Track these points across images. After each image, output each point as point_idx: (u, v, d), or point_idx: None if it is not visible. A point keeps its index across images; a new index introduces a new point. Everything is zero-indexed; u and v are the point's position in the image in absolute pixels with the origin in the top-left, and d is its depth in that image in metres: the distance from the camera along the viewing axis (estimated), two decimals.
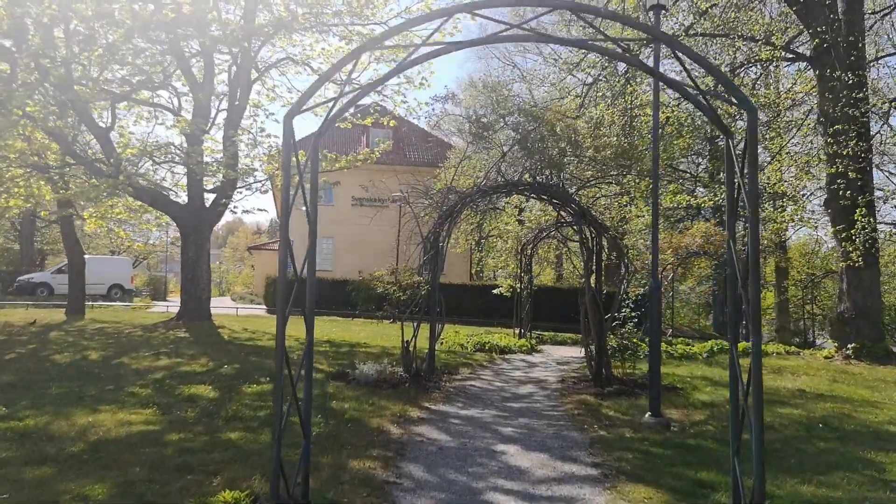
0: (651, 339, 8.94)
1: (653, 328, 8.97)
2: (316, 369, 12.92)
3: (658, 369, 8.91)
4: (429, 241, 12.36)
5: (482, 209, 26.01)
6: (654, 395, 8.80)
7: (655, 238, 9.06)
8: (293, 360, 14.05)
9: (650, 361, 8.92)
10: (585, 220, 12.38)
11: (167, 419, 8.75)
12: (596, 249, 12.31)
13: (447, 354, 16.64)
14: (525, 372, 14.76)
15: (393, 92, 22.44)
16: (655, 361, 8.86)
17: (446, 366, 14.35)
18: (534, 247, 21.46)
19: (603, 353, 12.16)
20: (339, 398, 10.29)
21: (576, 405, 10.49)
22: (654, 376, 8.85)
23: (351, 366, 12.61)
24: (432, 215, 12.97)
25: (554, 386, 12.63)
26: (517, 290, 22.34)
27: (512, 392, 11.90)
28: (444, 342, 19.62)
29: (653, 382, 8.85)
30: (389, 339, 17.86)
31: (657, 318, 9.05)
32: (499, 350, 18.15)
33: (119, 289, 38.26)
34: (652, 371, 8.88)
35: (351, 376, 12.09)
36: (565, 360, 18.03)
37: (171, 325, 19.19)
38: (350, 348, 16.58)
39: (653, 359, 8.89)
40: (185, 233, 19.78)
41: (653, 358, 8.89)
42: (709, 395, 11.20)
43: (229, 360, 13.75)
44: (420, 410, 9.69)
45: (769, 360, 17.47)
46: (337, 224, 40.34)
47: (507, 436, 8.31)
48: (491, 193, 12.43)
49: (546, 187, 12.22)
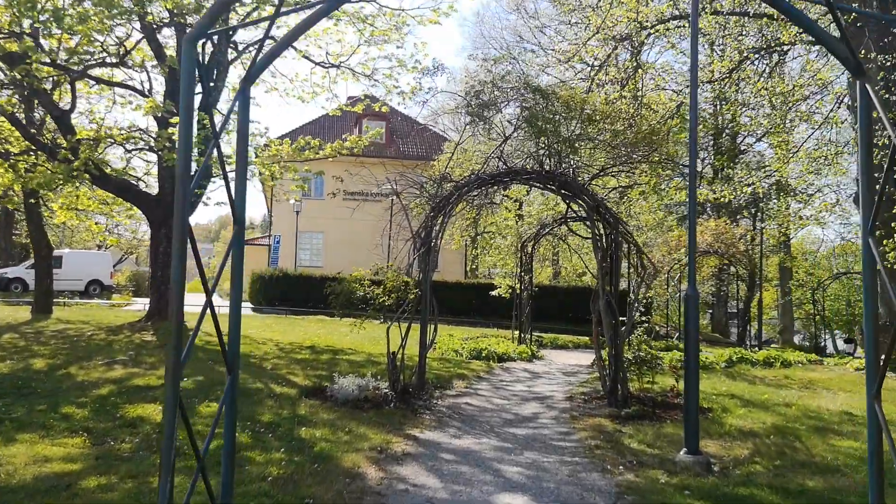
0: (688, 359, 7.31)
1: (690, 346, 7.34)
2: (290, 383, 11.31)
3: (696, 396, 7.30)
4: (419, 237, 10.72)
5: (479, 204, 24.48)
6: (692, 428, 7.18)
7: (693, 238, 7.44)
8: (263, 370, 12.42)
9: (687, 386, 7.30)
10: (599, 214, 10.75)
11: (95, 453, 7.10)
12: (612, 247, 10.69)
13: (440, 363, 15.01)
14: (528, 385, 13.13)
15: (384, 76, 20.89)
16: (693, 387, 7.24)
17: (438, 378, 12.73)
18: (535, 244, 19.85)
19: (619, 367, 10.54)
20: (311, 423, 8.66)
21: (591, 432, 8.86)
22: (692, 404, 7.23)
23: (330, 378, 10.98)
24: (424, 207, 11.31)
25: (562, 404, 10.99)
26: (517, 291, 20.67)
27: (514, 412, 10.27)
28: (436, 347, 17.99)
29: (690, 412, 7.22)
30: (377, 343, 16.12)
31: (695, 334, 7.41)
32: (497, 357, 16.53)
33: (98, 285, 36.54)
34: (689, 398, 7.25)
35: (329, 392, 10.47)
36: (570, 368, 16.41)
37: (138, 326, 17.52)
38: (332, 356, 14.94)
39: (690, 383, 7.26)
40: (156, 226, 18.11)
41: (690, 382, 7.26)
42: (744, 420, 9.59)
43: (193, 370, 12.10)
44: (405, 441, 8.05)
45: (794, 371, 15.89)
46: (327, 219, 38.72)
47: (511, 480, 6.67)
48: (491, 182, 10.80)
49: (554, 176, 10.59)
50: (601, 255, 10.69)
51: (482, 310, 30.98)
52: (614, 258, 10.67)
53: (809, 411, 10.41)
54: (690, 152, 7.66)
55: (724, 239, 24.53)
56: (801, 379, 14.27)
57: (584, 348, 23.42)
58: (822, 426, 9.37)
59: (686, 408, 7.24)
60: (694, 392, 7.23)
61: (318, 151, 17.22)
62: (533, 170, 10.81)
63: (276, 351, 15.24)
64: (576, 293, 34.15)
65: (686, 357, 7.34)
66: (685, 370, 7.33)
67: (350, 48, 21.25)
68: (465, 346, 17.50)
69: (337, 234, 38.49)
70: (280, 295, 32.88)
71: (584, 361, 18.19)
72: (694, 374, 7.23)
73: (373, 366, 13.27)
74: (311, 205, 40.32)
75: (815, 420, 9.78)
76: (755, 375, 14.70)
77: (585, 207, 10.76)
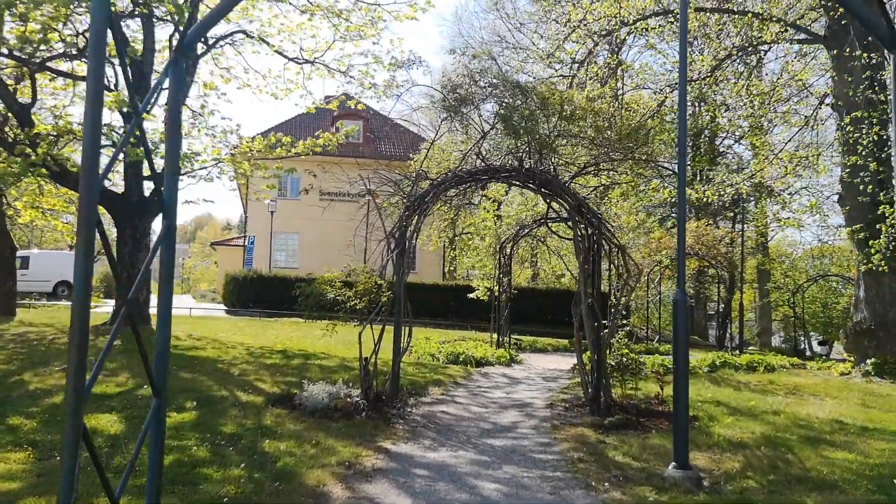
0: (677, 366, 6.85)
1: (679, 353, 6.88)
2: (257, 390, 10.75)
3: (686, 407, 6.83)
4: (393, 237, 10.21)
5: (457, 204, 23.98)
6: (681, 441, 6.72)
7: (682, 240, 6.98)
8: (230, 377, 11.85)
9: (676, 395, 6.84)
10: (581, 214, 10.29)
11: (38, 470, 6.55)
12: (594, 249, 10.24)
13: (415, 368, 14.51)
14: (507, 392, 12.65)
15: (360, 73, 20.36)
16: (682, 396, 6.78)
17: (414, 384, 12.21)
18: (514, 245, 19.40)
19: (602, 373, 10.09)
20: (276, 434, 8.12)
21: (573, 443, 8.39)
22: (682, 415, 6.77)
23: (300, 385, 10.43)
24: (398, 206, 10.80)
25: (542, 412, 10.52)
26: (495, 294, 20.19)
27: (492, 421, 9.78)
28: (413, 351, 17.48)
29: (679, 424, 6.75)
30: (351, 347, 15.54)
31: (684, 340, 6.96)
32: (475, 362, 16.04)
33: (67, 286, 35.62)
34: (678, 409, 6.79)
35: (297, 400, 9.93)
36: (550, 373, 15.98)
37: (101, 330, 16.84)
38: (304, 360, 14.38)
39: (679, 393, 6.80)
40: (121, 226, 17.43)
41: (679, 392, 6.80)
42: (732, 430, 9.16)
43: None
44: (376, 454, 7.54)
45: (779, 375, 15.54)
46: (303, 219, 38.17)
47: (489, 499, 6.18)
48: (469, 180, 10.30)
49: (535, 174, 10.11)
50: (583, 257, 10.23)
51: (460, 312, 30.59)
52: (597, 260, 10.22)
53: (799, 420, 10.02)
54: (679, 150, 7.21)
55: (705, 241, 24.24)
56: (787, 384, 13.90)
57: (564, 351, 23.01)
58: (813, 436, 8.97)
59: (676, 419, 6.79)
60: (683, 402, 6.78)
61: (291, 149, 16.63)
62: (512, 168, 10.33)
63: (246, 355, 14.66)
64: (554, 295, 33.86)
65: (675, 365, 6.89)
66: (674, 379, 6.88)
67: (325, 44, 20.71)
68: (442, 349, 17.01)
69: (313, 235, 37.89)
70: (254, 297, 32.21)
71: (563, 366, 17.76)
72: (683, 383, 6.77)
73: (346, 371, 12.75)
74: (286, 205, 39.75)
75: (805, 429, 9.38)
76: (739, 381, 14.33)
77: (567, 207, 10.29)
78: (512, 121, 9.75)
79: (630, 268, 10.81)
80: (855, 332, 15.43)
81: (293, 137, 16.70)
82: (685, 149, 7.34)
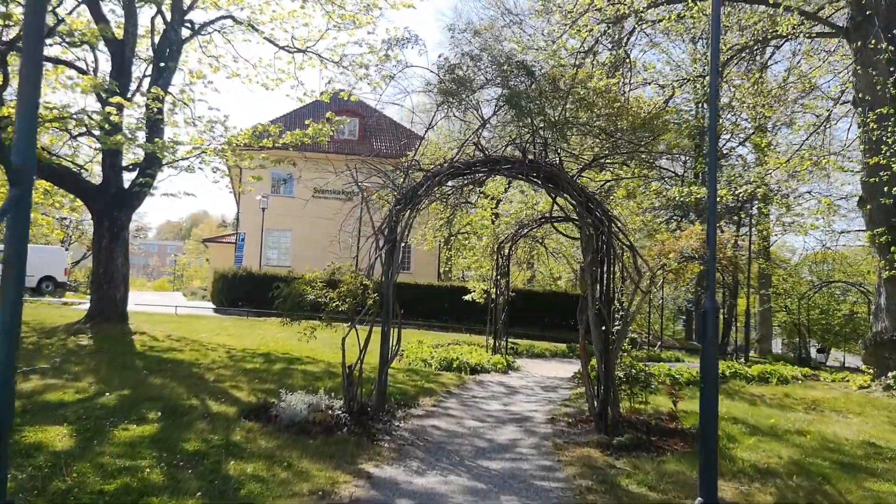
0: (706, 384, 5.91)
1: (708, 369, 5.94)
2: (231, 399, 9.81)
3: (715, 433, 5.90)
4: (382, 233, 9.26)
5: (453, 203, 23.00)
6: (709, 472, 5.77)
7: (713, 239, 6.06)
8: (204, 383, 10.88)
9: (704, 418, 5.90)
10: (590, 211, 9.35)
11: None
12: (603, 249, 9.29)
13: (405, 375, 13.56)
14: (504, 403, 11.69)
15: (354, 64, 19.43)
16: (710, 421, 5.84)
17: (403, 394, 11.26)
18: (513, 246, 18.46)
19: (610, 386, 9.15)
20: (245, 453, 7.17)
21: (580, 467, 7.45)
22: (709, 444, 5.82)
23: (279, 393, 9.47)
24: (388, 199, 9.85)
25: (544, 428, 9.57)
26: (492, 296, 19.23)
27: (489, 439, 8.83)
28: (404, 355, 16.55)
29: (707, 452, 5.81)
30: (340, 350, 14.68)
31: (714, 355, 6.02)
32: (470, 369, 15.10)
33: (51, 282, 34.57)
34: (707, 436, 5.84)
35: (274, 411, 8.98)
36: (550, 382, 15.05)
37: (75, 328, 15.86)
38: (287, 365, 13.44)
39: (707, 416, 5.86)
40: (98, 218, 16.45)
41: (707, 414, 5.86)
42: (757, 453, 8.23)
43: (121, 381, 10.57)
44: (356, 480, 6.59)
45: (794, 388, 14.61)
46: (296, 216, 37.24)
47: None
48: (466, 172, 9.36)
49: (539, 166, 9.16)
50: (591, 258, 9.28)
51: (455, 314, 29.69)
52: (606, 261, 9.28)
53: (827, 441, 9.08)
54: (710, 136, 6.29)
55: None
56: (804, 398, 12.97)
57: (562, 357, 22.11)
58: (847, 462, 8.03)
59: (703, 447, 5.84)
60: (712, 430, 5.85)
61: (279, 139, 15.67)
62: (514, 158, 9.38)
63: (225, 359, 13.71)
64: (551, 298, 33.10)
65: (704, 382, 5.95)
66: (702, 398, 5.94)
67: (318, 32, 19.80)
68: (435, 355, 16.06)
69: (306, 233, 36.93)
70: (244, 295, 31.18)
71: (563, 374, 16.85)
72: (712, 405, 5.84)
73: (331, 378, 11.82)
74: (279, 202, 38.89)
75: (836, 453, 8.45)
76: (753, 393, 13.40)
77: (574, 203, 9.34)
78: (520, 101, 8.76)
79: (641, 270, 9.87)
80: (875, 342, 14.51)
81: (280, 126, 15.73)
82: (715, 139, 6.41)
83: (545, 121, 9.05)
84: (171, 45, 16.85)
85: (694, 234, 23.77)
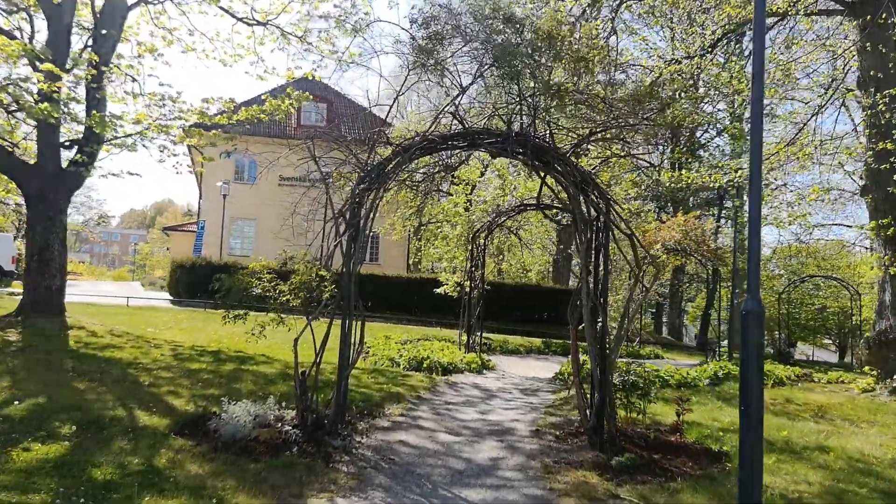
0: (747, 403, 4.65)
1: (751, 390, 4.68)
2: (166, 408, 8.41)
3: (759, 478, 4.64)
4: (344, 217, 7.91)
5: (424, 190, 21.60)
6: None
7: (756, 229, 4.81)
8: (138, 387, 9.44)
9: (744, 445, 4.64)
10: (585, 193, 8.06)
11: None
12: (600, 237, 8.02)
13: (371, 377, 12.20)
14: (481, 410, 10.37)
15: (319, 39, 18.01)
16: (754, 464, 4.58)
17: (367, 400, 9.92)
18: (488, 235, 17.16)
19: (606, 396, 7.89)
20: (167, 483, 5.80)
21: (577, 499, 6.17)
22: (754, 478, 4.56)
23: (224, 400, 8.08)
24: (351, 177, 8.48)
25: (529, 444, 8.26)
26: (466, 289, 17.91)
27: (465, 457, 7.52)
28: (370, 353, 15.21)
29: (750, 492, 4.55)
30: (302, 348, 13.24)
31: (758, 371, 4.77)
32: (441, 369, 13.80)
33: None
34: (749, 471, 4.58)
35: (213, 424, 7.60)
36: (528, 383, 13.82)
37: (5, 322, 14.27)
38: (239, 364, 12.04)
39: (751, 456, 4.60)
40: (32, 202, 14.84)
41: (750, 452, 4.60)
42: (780, 477, 6.99)
43: (40, 385, 9.10)
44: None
45: (792, 391, 13.49)
46: (261, 205, 35.79)
47: None
48: (443, 146, 8.03)
49: (527, 140, 7.85)
50: (585, 247, 8.00)
51: (425, 307, 28.45)
52: (603, 251, 8.01)
53: (854, 461, 7.89)
54: (752, 110, 5.02)
55: (695, 236, 22.15)
56: (807, 404, 11.83)
57: (538, 353, 20.93)
58: (889, 489, 6.83)
59: (744, 488, 4.57)
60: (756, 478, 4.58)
61: (232, 115, 14.19)
62: (498, 132, 8.07)
63: (170, 358, 12.26)
64: (523, 291, 32.14)
65: (744, 400, 4.68)
66: (743, 420, 4.68)
67: (280, 5, 18.33)
68: (403, 353, 14.74)
69: (271, 222, 35.37)
70: (203, 286, 29.52)
71: (541, 373, 15.63)
72: (755, 441, 4.59)
73: (286, 381, 10.47)
74: (243, 190, 37.39)
75: (870, 476, 7.25)
76: None
77: (566, 184, 8.04)
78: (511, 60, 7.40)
79: (640, 261, 8.62)
80: (879, 342, 13.44)
81: (233, 101, 14.24)
82: (761, 111, 5.15)
83: (539, 85, 7.73)
84: (116, 10, 15.27)
85: (676, 224, 22.68)
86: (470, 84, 8.48)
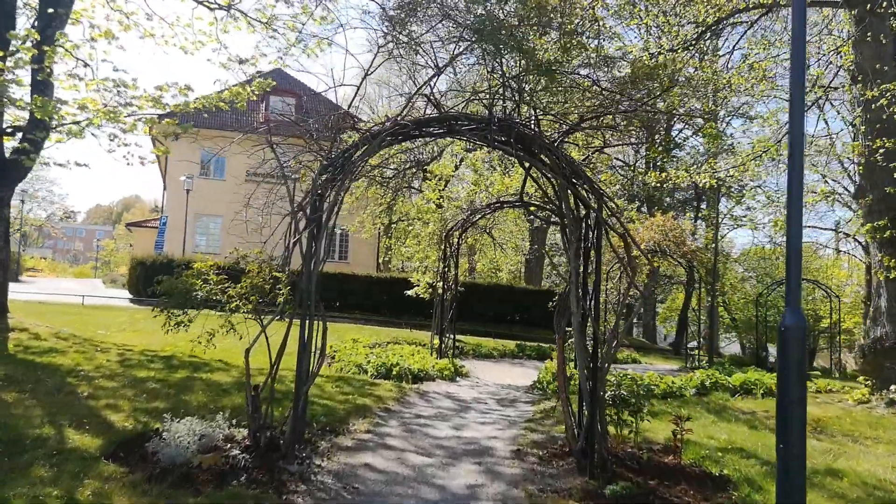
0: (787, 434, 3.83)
1: (793, 419, 3.87)
2: (100, 425, 7.44)
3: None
4: (304, 211, 6.98)
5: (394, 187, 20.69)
6: None
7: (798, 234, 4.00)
8: (74, 398, 8.43)
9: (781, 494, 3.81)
10: (575, 186, 7.21)
11: None
12: (592, 236, 7.17)
13: (335, 386, 11.27)
14: (455, 426, 9.47)
15: (285, 27, 17.00)
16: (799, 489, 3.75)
17: (330, 414, 9.00)
18: (463, 233, 16.30)
19: (597, 416, 7.05)
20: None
21: None
22: None
23: (169, 416, 7.12)
24: (313, 166, 7.56)
25: (509, 467, 7.38)
26: (438, 290, 17.01)
27: (440, 485, 6.63)
28: (335, 359, 14.29)
29: None
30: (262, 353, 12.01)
31: (801, 398, 3.95)
32: (412, 376, 12.91)
33: None
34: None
35: (151, 446, 6.64)
36: (505, 393, 12.98)
37: None
38: (191, 372, 11.03)
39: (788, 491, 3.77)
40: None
41: (789, 489, 3.77)
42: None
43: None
44: None
45: None
46: (227, 202, 34.55)
47: None
48: (416, 132, 7.15)
49: (511, 126, 6.99)
50: (575, 248, 7.16)
51: (395, 307, 27.61)
52: (596, 252, 7.16)
53: (869, 486, 7.13)
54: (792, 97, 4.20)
55: (674, 236, 21.50)
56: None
57: (512, 358, 20.14)
58: None
59: None
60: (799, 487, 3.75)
61: (188, 103, 13.14)
62: (478, 116, 7.20)
63: (116, 364, 11.23)
64: (497, 291, 31.65)
65: (782, 435, 3.86)
66: (782, 462, 3.85)
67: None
68: (372, 358, 13.82)
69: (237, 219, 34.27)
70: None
71: (517, 380, 14.80)
72: (798, 474, 3.75)
73: (240, 392, 9.50)
74: (209, 186, 36.25)
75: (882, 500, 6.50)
76: (743, 410, 11.48)
77: (553, 176, 7.18)
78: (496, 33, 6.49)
79: (633, 263, 7.80)
80: (874, 350, 12.76)
81: (189, 88, 13.18)
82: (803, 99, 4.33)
83: (526, 61, 6.86)
84: None
85: (655, 225, 22.00)
86: (448, 63, 7.53)
